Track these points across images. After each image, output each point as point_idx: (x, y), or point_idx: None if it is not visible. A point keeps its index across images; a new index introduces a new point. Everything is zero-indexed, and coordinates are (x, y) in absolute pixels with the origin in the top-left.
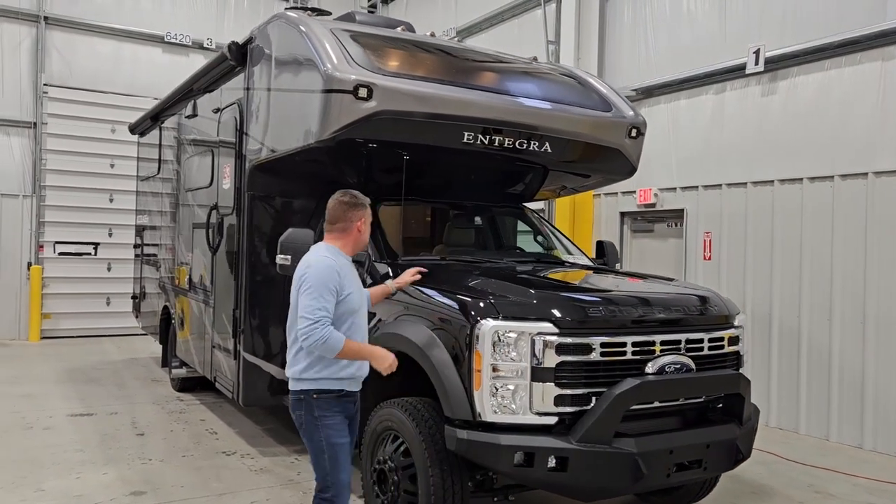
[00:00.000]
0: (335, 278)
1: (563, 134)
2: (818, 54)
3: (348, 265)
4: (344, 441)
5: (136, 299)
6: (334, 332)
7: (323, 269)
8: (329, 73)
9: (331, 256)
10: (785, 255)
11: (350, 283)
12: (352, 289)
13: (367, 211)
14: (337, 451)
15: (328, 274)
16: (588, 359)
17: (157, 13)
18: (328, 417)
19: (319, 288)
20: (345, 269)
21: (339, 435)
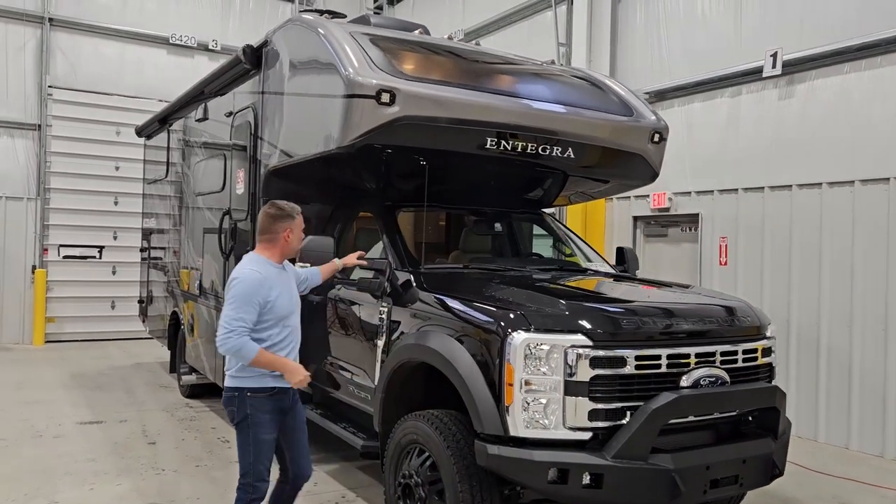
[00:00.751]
0: (258, 289)
1: (587, 139)
2: (837, 57)
3: (276, 273)
4: (270, 437)
5: (143, 303)
6: (248, 343)
7: (250, 283)
8: (351, 78)
9: (258, 269)
10: (804, 261)
11: (276, 291)
12: (278, 296)
13: (293, 221)
14: (261, 446)
15: (254, 288)
16: (622, 372)
17: (163, 14)
18: (259, 415)
19: (242, 300)
20: (271, 279)
21: (266, 432)
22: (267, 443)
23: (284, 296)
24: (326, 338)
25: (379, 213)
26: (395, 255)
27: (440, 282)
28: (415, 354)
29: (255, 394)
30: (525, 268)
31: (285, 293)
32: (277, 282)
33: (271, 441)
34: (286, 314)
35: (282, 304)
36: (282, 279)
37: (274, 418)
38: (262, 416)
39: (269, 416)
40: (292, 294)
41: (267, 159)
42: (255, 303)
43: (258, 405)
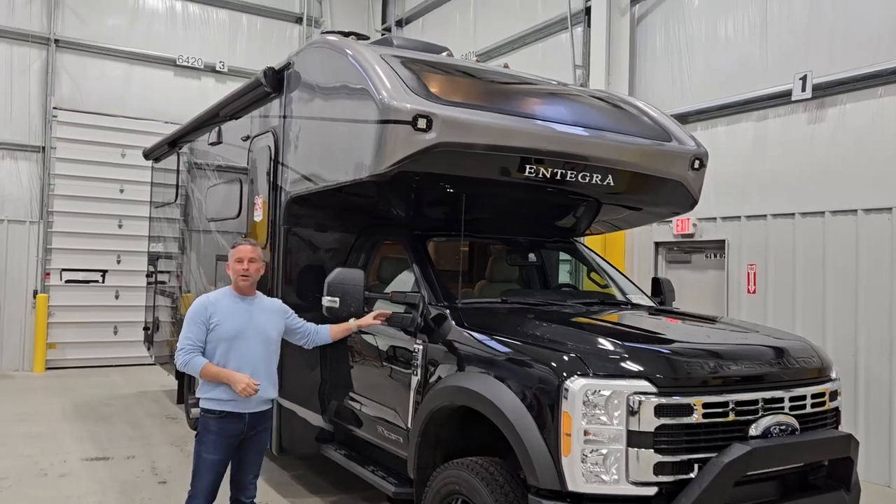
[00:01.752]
0: (202, 311)
1: (628, 166)
2: (870, 81)
3: (229, 302)
4: (211, 457)
5: (148, 330)
6: (194, 359)
7: (194, 305)
8: (385, 103)
9: (211, 295)
10: (838, 290)
11: (219, 317)
12: (220, 321)
13: (229, 252)
14: (200, 463)
15: (196, 311)
16: (689, 421)
17: (170, 36)
18: (204, 434)
19: (188, 320)
20: (220, 304)
21: (207, 451)
22: (207, 462)
23: (230, 322)
24: (351, 373)
25: (408, 242)
26: (428, 289)
27: (480, 318)
28: (456, 398)
29: (206, 414)
30: (565, 301)
31: (232, 320)
32: (227, 309)
33: (213, 462)
34: (228, 338)
35: (225, 328)
36: (237, 308)
37: (219, 441)
38: (206, 436)
39: (214, 437)
40: (247, 323)
41: (289, 186)
42: (200, 322)
43: (206, 424)
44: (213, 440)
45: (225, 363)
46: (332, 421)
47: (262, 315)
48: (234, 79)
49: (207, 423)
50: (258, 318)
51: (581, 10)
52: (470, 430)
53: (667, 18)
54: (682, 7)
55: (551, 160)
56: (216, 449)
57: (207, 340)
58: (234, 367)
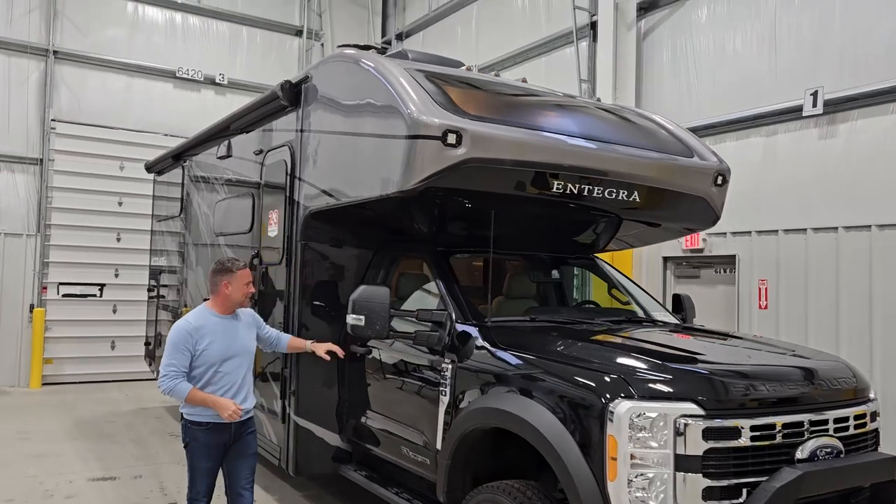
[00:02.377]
0: (187, 339)
1: (654, 182)
2: (882, 97)
3: (216, 323)
4: (204, 465)
5: (150, 345)
6: (179, 385)
7: (176, 331)
8: (414, 118)
9: (191, 319)
10: (852, 306)
11: (207, 340)
12: (208, 344)
13: (233, 275)
14: (194, 471)
15: (182, 337)
16: (737, 444)
17: (170, 48)
18: (194, 443)
19: (172, 348)
20: (205, 328)
21: (200, 459)
22: (200, 469)
23: (218, 344)
24: (371, 392)
25: (432, 259)
26: (455, 306)
27: (512, 337)
28: (491, 420)
29: (194, 425)
30: (593, 319)
31: (220, 341)
32: (213, 331)
33: (206, 469)
34: (217, 361)
35: (213, 351)
36: (223, 328)
37: (209, 450)
38: (197, 445)
39: (204, 447)
40: (233, 342)
41: (307, 201)
42: (184, 349)
43: (195, 435)
44: (204, 450)
45: (210, 382)
46: (350, 440)
47: (243, 331)
48: (233, 91)
49: (196, 433)
50: (241, 335)
51: (587, 24)
52: (500, 453)
53: (674, 33)
54: (689, 22)
55: (579, 176)
56: (207, 457)
57: (193, 365)
58: (221, 386)
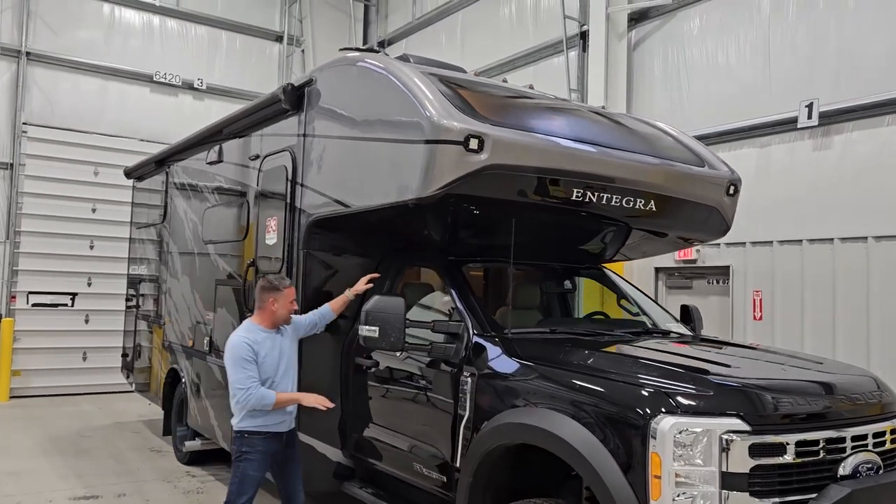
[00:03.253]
0: (249, 350)
1: (671, 191)
2: (877, 109)
3: (265, 338)
4: (256, 474)
5: (128, 357)
6: (264, 392)
7: (237, 345)
8: (435, 122)
9: (244, 333)
10: (849, 317)
11: (262, 354)
12: (264, 357)
13: (280, 292)
14: (245, 479)
15: (241, 348)
16: (782, 461)
17: (146, 52)
18: (250, 453)
19: (240, 362)
20: (259, 343)
21: (253, 468)
22: (251, 478)
23: (271, 357)
24: (378, 405)
25: (444, 268)
26: (472, 318)
27: (536, 350)
28: (520, 436)
29: (251, 435)
30: (612, 331)
31: (271, 357)
32: (265, 345)
33: (256, 478)
34: (271, 374)
35: (267, 366)
36: (271, 342)
37: (264, 458)
38: (254, 454)
39: (260, 456)
40: (282, 355)
41: (311, 208)
42: (251, 359)
43: (252, 444)
44: (260, 458)
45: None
46: (354, 456)
47: (287, 343)
48: (212, 96)
49: (255, 442)
50: (286, 347)
51: (576, 34)
52: (522, 470)
53: (665, 43)
54: (681, 33)
55: (598, 184)
56: (261, 466)
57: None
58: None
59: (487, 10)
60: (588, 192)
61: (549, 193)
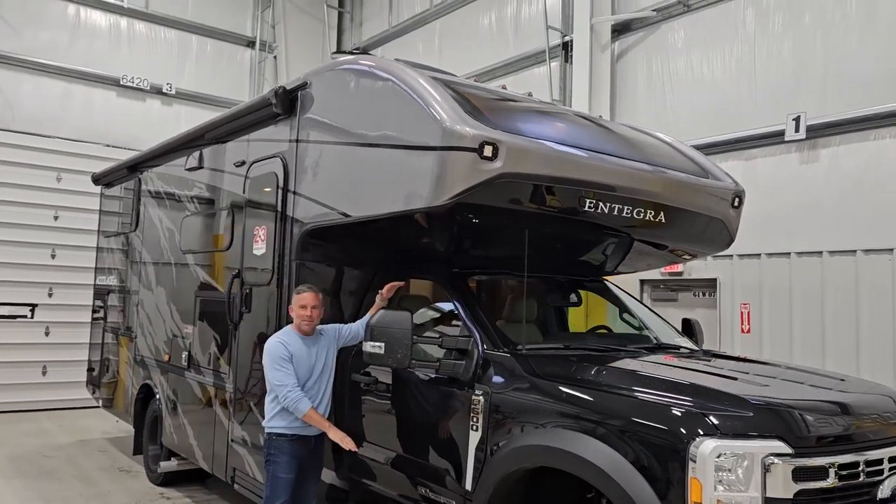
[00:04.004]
0: (284, 351)
1: (681, 203)
2: (864, 123)
3: (299, 342)
4: (285, 476)
5: (93, 371)
6: (302, 398)
7: (270, 347)
8: (447, 127)
9: (282, 338)
10: (839, 330)
11: (296, 359)
12: (296, 363)
13: (294, 297)
14: (276, 483)
15: (277, 349)
16: (825, 485)
17: (113, 55)
18: (277, 456)
19: (274, 362)
20: (293, 346)
21: (282, 471)
22: (282, 480)
23: (303, 366)
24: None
25: (448, 281)
26: (482, 333)
27: (555, 367)
28: (543, 459)
29: (278, 438)
30: (626, 346)
31: (304, 361)
32: (299, 353)
33: (287, 480)
34: (303, 377)
35: (299, 370)
36: (306, 348)
37: (292, 461)
38: (281, 457)
39: (287, 458)
40: (315, 363)
41: (305, 217)
42: (286, 359)
43: (280, 447)
44: (288, 461)
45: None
46: (349, 478)
47: (322, 349)
48: (181, 102)
49: (281, 445)
50: (320, 352)
51: (558, 44)
52: (536, 495)
53: (649, 55)
54: (665, 45)
55: (611, 195)
56: (290, 468)
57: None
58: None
59: (466, 19)
60: (600, 202)
61: (562, 204)
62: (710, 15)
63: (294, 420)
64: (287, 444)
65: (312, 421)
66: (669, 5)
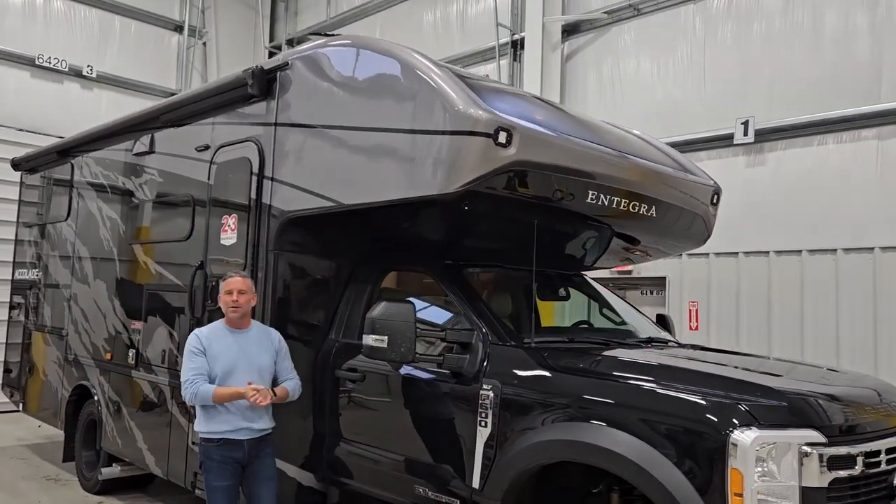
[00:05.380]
0: (197, 342)
1: (673, 198)
2: (809, 129)
3: (222, 334)
4: (219, 484)
5: (11, 373)
6: (202, 387)
7: (190, 338)
8: (462, 112)
9: (204, 329)
10: (784, 328)
11: (213, 351)
12: (214, 356)
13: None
14: (210, 492)
15: (190, 340)
16: (854, 473)
17: (28, 32)
18: (206, 462)
19: (186, 354)
20: (213, 338)
21: (214, 478)
22: (216, 489)
23: (222, 359)
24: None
25: (443, 274)
26: (487, 326)
27: (570, 360)
28: (568, 454)
29: (206, 442)
30: (624, 339)
31: (224, 356)
32: (219, 345)
33: (223, 488)
34: (222, 374)
35: (218, 366)
36: (231, 341)
37: (224, 467)
38: (210, 463)
39: (218, 464)
40: (240, 356)
41: (285, 205)
42: (197, 351)
43: (208, 452)
44: (218, 467)
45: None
46: (329, 479)
47: (253, 347)
48: (102, 86)
49: (209, 451)
50: (249, 350)
51: (507, 42)
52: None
53: (600, 56)
54: (616, 47)
55: (615, 188)
56: (222, 475)
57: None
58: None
59: (411, 13)
60: (601, 194)
61: (567, 195)
62: (659, 20)
63: (219, 422)
64: (214, 449)
65: (222, 396)
66: (620, 8)
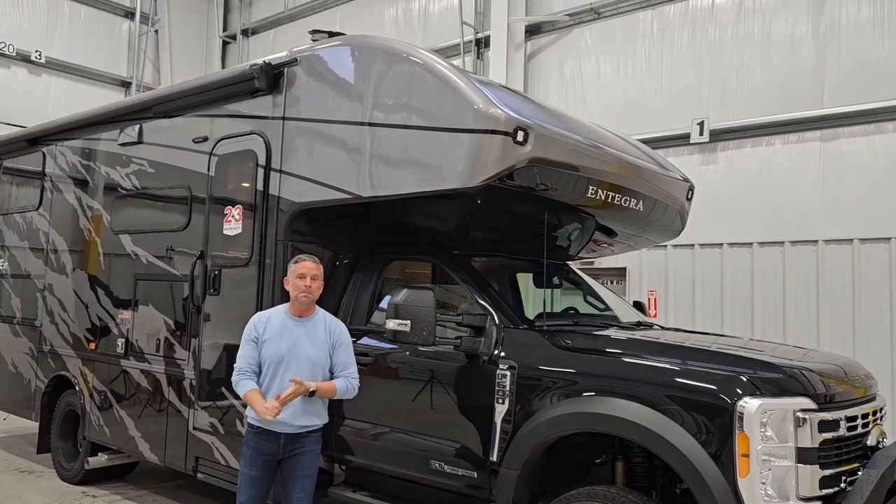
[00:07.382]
0: (253, 331)
1: (660, 195)
2: (759, 130)
3: (282, 321)
4: (248, 472)
5: None
6: (242, 380)
7: (249, 323)
8: (483, 111)
9: (266, 311)
10: (736, 315)
11: (269, 336)
12: (268, 340)
13: (290, 267)
14: (241, 477)
15: (248, 327)
16: (838, 435)
17: None
18: (245, 448)
19: (243, 340)
20: (272, 323)
21: (246, 467)
22: (247, 477)
23: (274, 346)
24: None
25: (453, 263)
26: (499, 311)
27: (583, 341)
28: (589, 425)
29: (248, 428)
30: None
31: (277, 344)
32: (276, 331)
33: (252, 477)
34: (274, 361)
35: (270, 352)
36: (288, 330)
37: (256, 457)
38: (245, 449)
39: (251, 453)
40: (293, 347)
41: (296, 196)
42: (251, 340)
43: (247, 438)
44: (250, 455)
45: (270, 385)
46: (341, 459)
47: (309, 337)
48: (51, 72)
49: (248, 437)
50: (305, 342)
51: (471, 40)
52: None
53: (562, 56)
54: (577, 48)
55: (615, 186)
56: (253, 465)
57: (260, 359)
58: (276, 390)
59: (371, 8)
60: (599, 190)
61: (573, 192)
62: (618, 23)
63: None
64: (252, 436)
65: (247, 400)
66: (581, 11)
